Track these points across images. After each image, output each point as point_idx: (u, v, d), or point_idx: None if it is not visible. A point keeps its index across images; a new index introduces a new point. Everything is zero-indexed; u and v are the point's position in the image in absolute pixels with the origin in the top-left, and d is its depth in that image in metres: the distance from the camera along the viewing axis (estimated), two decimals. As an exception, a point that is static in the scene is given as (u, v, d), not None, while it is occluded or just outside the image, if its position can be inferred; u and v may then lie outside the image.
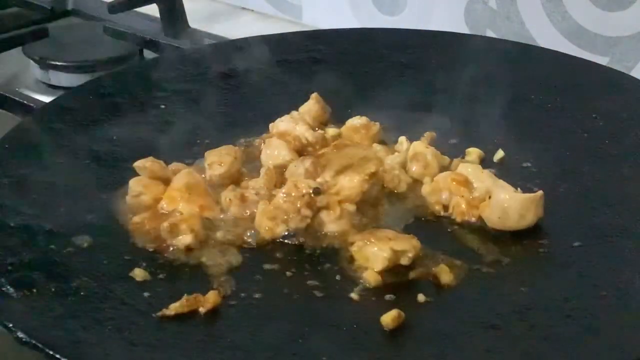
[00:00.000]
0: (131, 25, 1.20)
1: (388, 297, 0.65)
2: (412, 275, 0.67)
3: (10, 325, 0.58)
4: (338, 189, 0.73)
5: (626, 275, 0.65)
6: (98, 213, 0.73)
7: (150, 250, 0.70)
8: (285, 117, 0.83)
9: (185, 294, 0.63)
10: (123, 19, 1.24)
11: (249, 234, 0.71)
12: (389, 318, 0.61)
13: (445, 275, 0.66)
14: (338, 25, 1.09)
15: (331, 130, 0.84)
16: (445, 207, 0.74)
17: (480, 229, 0.72)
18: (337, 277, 0.67)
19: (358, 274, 0.67)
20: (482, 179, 0.75)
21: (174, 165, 0.78)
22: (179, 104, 0.90)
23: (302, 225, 0.71)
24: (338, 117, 0.86)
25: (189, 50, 1.03)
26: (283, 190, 0.72)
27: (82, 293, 0.64)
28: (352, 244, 0.69)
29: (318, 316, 0.63)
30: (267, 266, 0.68)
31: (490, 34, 1.12)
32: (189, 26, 1.25)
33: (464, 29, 1.14)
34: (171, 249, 0.69)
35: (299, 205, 0.71)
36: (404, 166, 0.78)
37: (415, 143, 0.81)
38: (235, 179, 0.77)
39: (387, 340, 0.61)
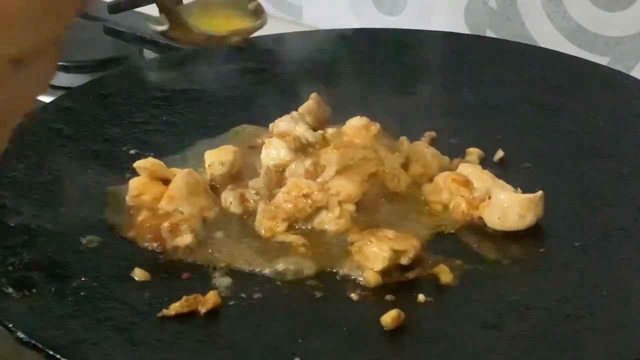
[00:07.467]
0: (131, 25, 1.20)
1: (388, 297, 0.65)
2: (412, 275, 0.67)
3: (10, 325, 0.58)
4: (338, 189, 0.73)
5: (626, 275, 0.65)
6: (98, 213, 0.73)
7: (150, 250, 0.70)
8: (285, 117, 0.83)
9: (185, 294, 0.63)
10: (123, 19, 1.24)
11: (248, 234, 0.71)
12: (389, 318, 0.61)
13: (445, 275, 0.66)
14: (338, 25, 1.09)
15: (331, 130, 0.84)
16: (445, 207, 0.74)
17: (480, 229, 0.72)
18: (337, 277, 0.67)
19: (358, 274, 0.67)
20: (482, 179, 0.75)
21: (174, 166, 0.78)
22: (179, 104, 0.90)
23: (302, 225, 0.71)
24: (338, 117, 0.86)
25: (189, 50, 1.03)
26: (283, 190, 0.72)
27: (82, 293, 0.63)
28: (352, 244, 0.69)
29: (318, 316, 0.63)
30: (267, 266, 0.68)
31: (490, 34, 1.12)
32: (189, 26, 1.25)
33: (464, 29, 1.13)
34: (171, 248, 0.69)
35: (299, 206, 0.71)
36: (404, 166, 0.78)
37: (415, 143, 0.81)
38: (235, 179, 0.77)
39: (387, 340, 0.61)
